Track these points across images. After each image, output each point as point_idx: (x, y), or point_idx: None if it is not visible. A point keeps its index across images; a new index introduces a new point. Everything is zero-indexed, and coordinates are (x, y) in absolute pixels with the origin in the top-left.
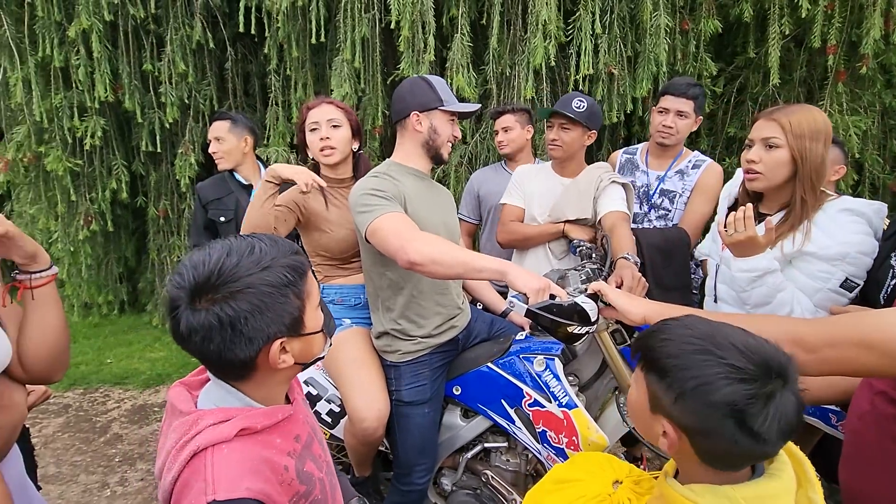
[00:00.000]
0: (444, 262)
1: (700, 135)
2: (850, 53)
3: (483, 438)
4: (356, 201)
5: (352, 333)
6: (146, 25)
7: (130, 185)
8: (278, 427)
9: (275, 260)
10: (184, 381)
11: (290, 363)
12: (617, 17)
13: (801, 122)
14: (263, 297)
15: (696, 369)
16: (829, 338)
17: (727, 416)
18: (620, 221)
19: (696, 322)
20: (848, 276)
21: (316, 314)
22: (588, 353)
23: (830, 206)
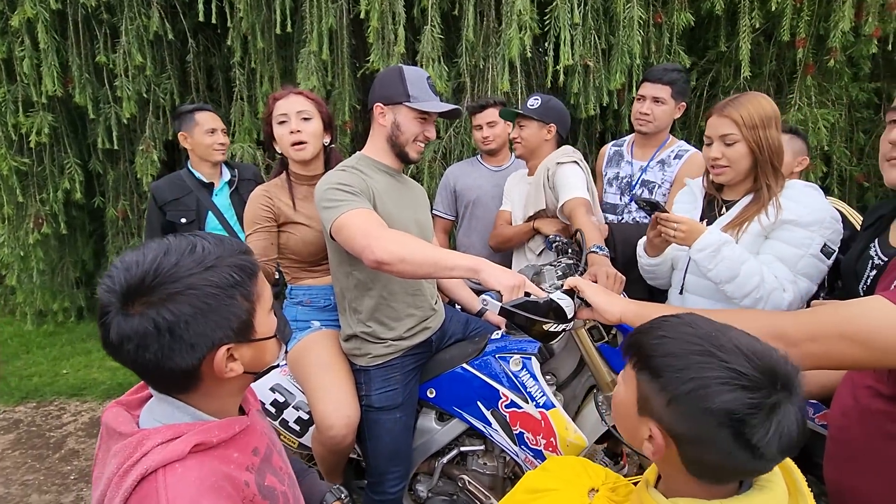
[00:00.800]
0: (413, 261)
1: (675, 128)
2: (818, 47)
3: (459, 442)
4: (321, 196)
5: (320, 336)
6: (98, 15)
7: (86, 184)
8: (235, 440)
9: (220, 259)
10: (120, 401)
11: (239, 372)
12: (591, 9)
13: (751, 114)
14: (207, 298)
15: (694, 371)
16: (811, 331)
17: (724, 426)
18: (578, 207)
19: (699, 321)
20: (826, 241)
21: (268, 318)
22: (565, 351)
23: (795, 182)
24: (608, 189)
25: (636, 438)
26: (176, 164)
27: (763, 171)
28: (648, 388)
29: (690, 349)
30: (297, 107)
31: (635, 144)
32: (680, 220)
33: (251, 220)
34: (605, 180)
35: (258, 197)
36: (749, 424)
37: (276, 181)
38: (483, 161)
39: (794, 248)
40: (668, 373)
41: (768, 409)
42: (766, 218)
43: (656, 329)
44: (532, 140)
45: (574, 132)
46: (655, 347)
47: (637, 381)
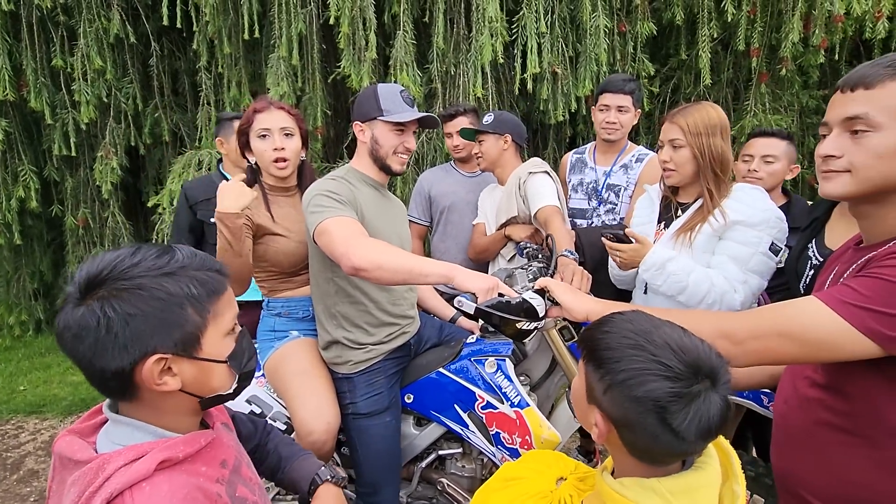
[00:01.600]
0: (390, 268)
1: (639, 133)
2: (771, 56)
3: (437, 446)
4: (309, 201)
5: (298, 344)
6: (54, 16)
7: (43, 192)
8: (201, 455)
9: (183, 269)
10: (73, 429)
11: (175, 388)
12: (558, 18)
13: (696, 122)
14: (153, 301)
15: (626, 362)
16: (753, 330)
17: (650, 411)
18: (552, 215)
19: (639, 318)
20: (773, 240)
21: (222, 341)
22: (538, 352)
23: (740, 186)
24: (574, 195)
25: (587, 424)
26: (139, 169)
27: (704, 177)
28: (592, 377)
29: (626, 342)
30: (279, 122)
31: (597, 151)
32: (621, 249)
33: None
34: (570, 187)
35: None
36: (669, 411)
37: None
38: (457, 167)
39: (744, 247)
40: (606, 364)
41: (689, 398)
42: (714, 221)
43: (603, 324)
44: (491, 152)
45: (544, 137)
46: (599, 341)
47: (585, 371)
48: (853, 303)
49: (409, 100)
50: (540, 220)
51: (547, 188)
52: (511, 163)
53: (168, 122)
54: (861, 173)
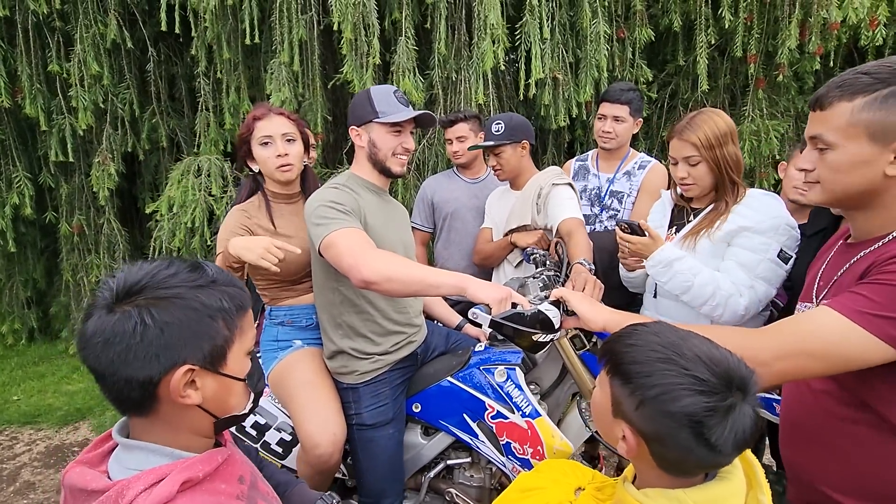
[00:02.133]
0: (401, 280)
1: (638, 138)
2: (767, 62)
3: (445, 456)
4: (312, 212)
5: (302, 354)
6: (50, 22)
7: (37, 199)
8: (219, 472)
9: (215, 283)
10: (80, 460)
11: (196, 402)
12: (558, 24)
13: (708, 135)
14: (189, 311)
15: (658, 377)
16: (777, 350)
17: (685, 427)
18: (577, 227)
19: (665, 330)
20: (782, 247)
21: (243, 359)
22: (548, 360)
23: (754, 191)
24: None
25: (612, 438)
26: (135, 176)
27: (723, 187)
28: (620, 391)
29: (654, 356)
30: (281, 129)
31: (599, 158)
32: (631, 240)
33: (223, 240)
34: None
35: (237, 218)
36: (707, 426)
37: (253, 202)
38: (459, 173)
39: (752, 254)
40: (636, 379)
41: (724, 411)
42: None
43: (626, 337)
44: (511, 162)
45: (543, 143)
46: (625, 354)
47: (610, 385)
48: (870, 312)
49: (404, 100)
50: (562, 232)
51: (572, 200)
52: (528, 168)
53: (165, 128)
54: (825, 185)
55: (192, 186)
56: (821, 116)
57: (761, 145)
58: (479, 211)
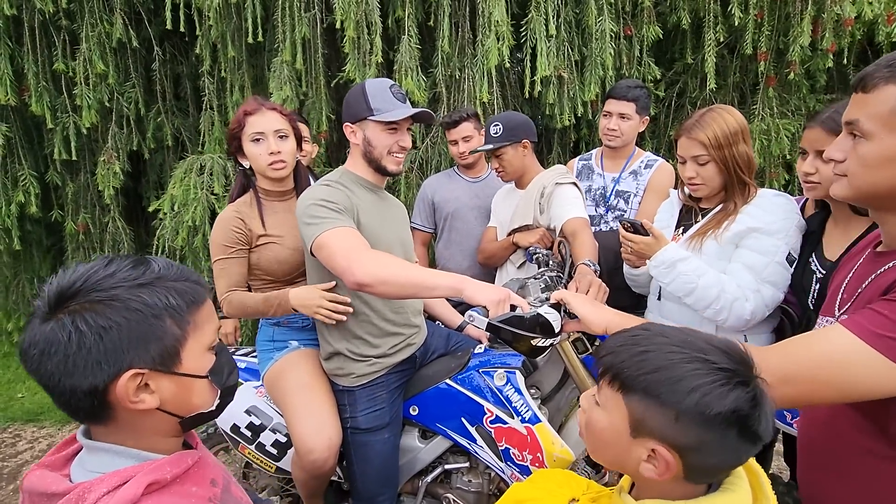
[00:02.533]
0: (395, 283)
1: (645, 137)
2: (778, 60)
3: (443, 460)
4: (304, 211)
5: (298, 356)
6: (56, 21)
7: (43, 197)
8: (189, 475)
9: (160, 280)
10: (42, 463)
11: (152, 405)
12: (564, 22)
13: (717, 134)
14: (129, 313)
15: (691, 380)
16: (783, 374)
17: (733, 425)
18: (582, 227)
19: (667, 329)
20: (790, 250)
21: (203, 356)
22: (549, 363)
23: (766, 192)
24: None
25: (628, 462)
26: (141, 175)
27: (732, 187)
28: (644, 407)
29: (679, 358)
30: (273, 125)
31: (604, 157)
32: (633, 239)
33: (220, 245)
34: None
35: (230, 219)
36: (753, 417)
37: (245, 200)
38: (460, 173)
39: (760, 256)
40: (664, 388)
41: (759, 398)
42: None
43: (631, 345)
44: (514, 163)
45: (549, 142)
46: (639, 365)
47: (626, 404)
48: (889, 335)
49: (401, 95)
50: (567, 232)
51: (576, 200)
52: (532, 166)
53: (170, 127)
54: (851, 180)
55: (195, 185)
56: (862, 99)
57: (771, 145)
58: (481, 210)
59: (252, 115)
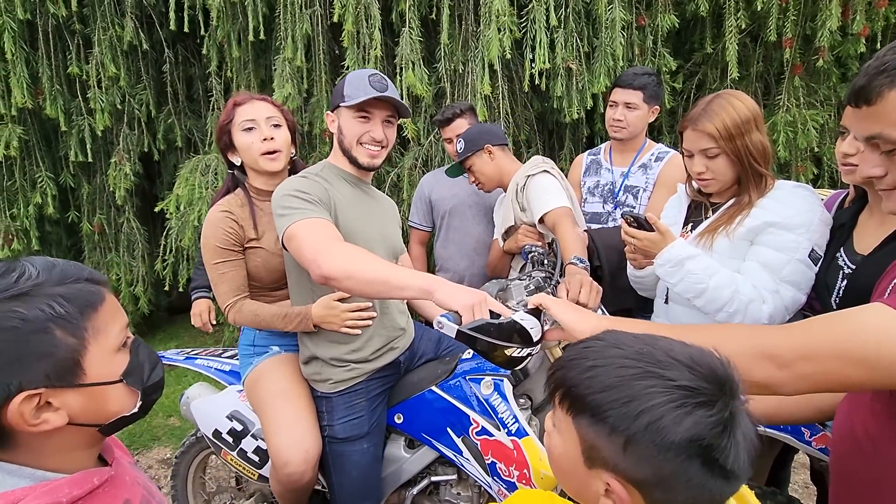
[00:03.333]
0: (362, 278)
1: (662, 131)
2: (805, 47)
3: (430, 471)
4: (277, 202)
5: (278, 361)
6: (70, 25)
7: (60, 198)
8: (95, 496)
9: (39, 287)
10: None
11: (60, 423)
12: (572, 12)
13: (726, 124)
14: (3, 333)
15: (641, 401)
16: (804, 349)
17: (693, 457)
18: (561, 218)
19: (624, 338)
20: (814, 246)
21: (111, 359)
22: (541, 370)
23: (784, 184)
24: (590, 198)
25: (587, 495)
26: (155, 176)
27: (747, 180)
28: (592, 433)
29: (629, 374)
30: (265, 112)
31: (613, 151)
32: (636, 235)
33: (216, 248)
34: (586, 189)
35: (221, 220)
36: (718, 447)
37: (234, 199)
38: None
39: (779, 253)
40: (613, 410)
41: (730, 423)
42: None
43: (581, 359)
44: (485, 171)
45: (560, 137)
46: (587, 383)
47: (576, 427)
48: None
49: (379, 84)
50: (548, 226)
51: (550, 188)
52: (508, 167)
53: (181, 128)
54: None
55: (199, 185)
56: (871, 113)
57: (798, 137)
58: (480, 208)
59: (242, 105)
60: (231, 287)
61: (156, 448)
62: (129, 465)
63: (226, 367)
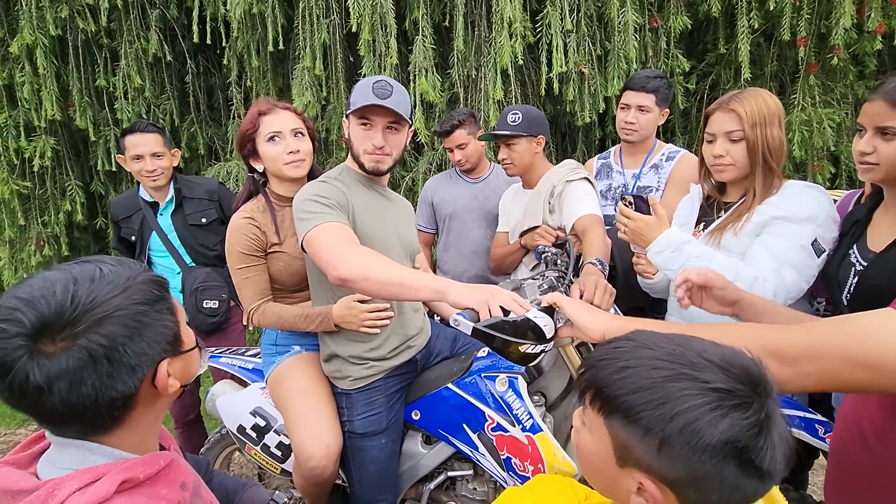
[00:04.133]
0: (377, 280)
1: (675, 133)
2: (820, 45)
3: (447, 466)
4: (298, 207)
5: (300, 360)
6: (98, 39)
7: (88, 206)
8: (161, 477)
9: (132, 279)
10: (6, 461)
11: (177, 386)
12: (584, 16)
13: (754, 110)
14: (139, 316)
15: (676, 403)
16: (810, 348)
17: (729, 458)
18: (593, 224)
19: (655, 339)
20: (817, 237)
21: (188, 330)
22: (555, 368)
23: (790, 184)
24: (601, 202)
25: (618, 492)
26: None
27: (754, 174)
28: (626, 434)
29: (662, 376)
30: (290, 124)
31: (623, 153)
32: (631, 216)
33: (240, 254)
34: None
35: (245, 226)
36: (753, 448)
37: (256, 206)
38: (461, 173)
39: (782, 241)
40: (647, 411)
41: (766, 424)
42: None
43: (612, 360)
44: (525, 157)
45: (572, 140)
46: (619, 383)
47: (608, 427)
48: None
49: (383, 91)
50: (577, 230)
51: (588, 196)
52: (540, 165)
53: (203, 136)
54: None
55: None
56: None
57: (814, 136)
58: (480, 213)
59: (266, 114)
60: (255, 291)
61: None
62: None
63: (249, 365)
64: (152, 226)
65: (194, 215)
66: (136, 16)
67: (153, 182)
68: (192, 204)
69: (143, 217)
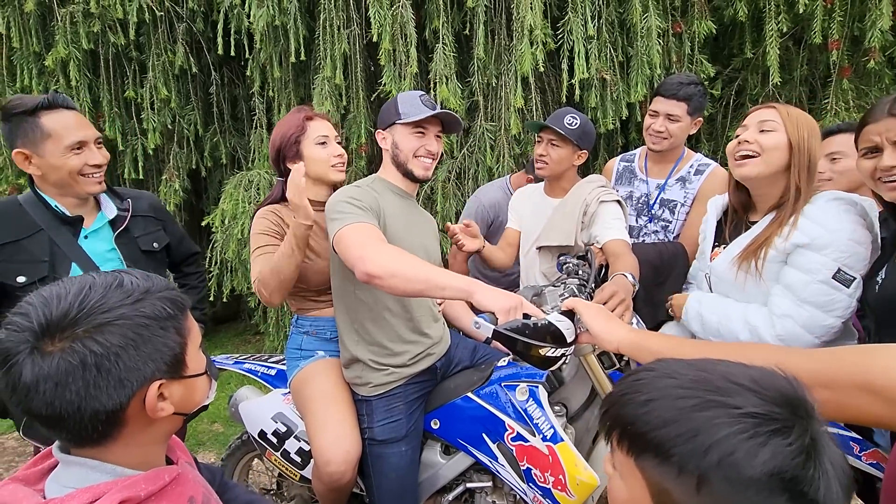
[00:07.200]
0: (405, 276)
1: (700, 139)
2: (853, 48)
3: (466, 477)
4: (331, 208)
5: (323, 365)
6: (128, 52)
7: None
8: (166, 493)
9: (149, 293)
10: (16, 477)
11: (170, 412)
12: (606, 22)
13: (799, 116)
14: (139, 329)
15: (709, 434)
16: (825, 376)
17: (776, 491)
18: (625, 249)
19: (676, 366)
20: (840, 267)
21: (198, 355)
22: (576, 378)
23: (820, 196)
24: None
25: None
26: (201, 192)
27: (797, 172)
28: (659, 475)
29: (687, 405)
30: (332, 131)
31: (649, 160)
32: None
33: (259, 234)
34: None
35: (266, 214)
36: (803, 479)
37: (283, 208)
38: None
39: (802, 274)
40: (677, 447)
41: (814, 449)
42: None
43: (634, 394)
44: (563, 163)
45: (595, 147)
46: (645, 418)
47: (640, 470)
48: None
49: (430, 103)
50: (608, 252)
51: (619, 221)
52: (571, 176)
53: (226, 146)
54: None
55: (243, 199)
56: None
57: None
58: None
59: (313, 119)
60: (262, 265)
61: (201, 453)
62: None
63: (271, 371)
64: (70, 255)
65: (144, 238)
66: (164, 30)
67: (98, 185)
68: (138, 224)
69: (51, 241)
